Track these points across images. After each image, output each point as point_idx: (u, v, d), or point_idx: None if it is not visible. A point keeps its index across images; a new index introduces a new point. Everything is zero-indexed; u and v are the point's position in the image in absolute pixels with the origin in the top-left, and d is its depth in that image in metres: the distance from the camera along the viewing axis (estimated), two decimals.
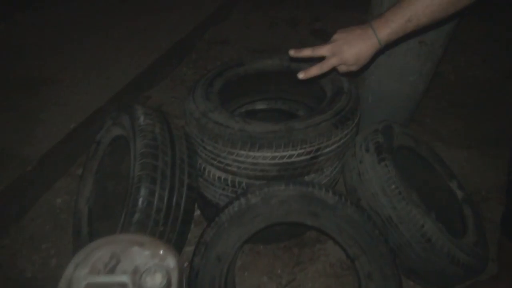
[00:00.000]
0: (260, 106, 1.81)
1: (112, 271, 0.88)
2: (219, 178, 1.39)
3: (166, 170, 1.23)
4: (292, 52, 0.97)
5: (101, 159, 1.60)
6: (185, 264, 1.54)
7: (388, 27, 0.88)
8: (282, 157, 1.24)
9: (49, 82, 2.34)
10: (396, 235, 1.27)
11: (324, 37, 3.14)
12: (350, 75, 1.10)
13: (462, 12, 0.88)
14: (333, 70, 0.98)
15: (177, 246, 1.27)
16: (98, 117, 2.18)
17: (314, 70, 0.94)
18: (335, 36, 0.93)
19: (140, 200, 1.17)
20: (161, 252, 1.01)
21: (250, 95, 1.75)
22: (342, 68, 0.96)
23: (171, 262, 1.00)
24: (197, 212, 1.74)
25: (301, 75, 0.94)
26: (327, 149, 1.28)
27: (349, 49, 0.90)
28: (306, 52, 0.95)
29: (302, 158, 1.25)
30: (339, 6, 3.47)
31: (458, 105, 2.44)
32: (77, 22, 3.05)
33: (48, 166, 1.90)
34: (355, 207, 1.16)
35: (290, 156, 1.24)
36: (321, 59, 0.99)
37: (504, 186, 1.96)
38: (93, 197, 1.60)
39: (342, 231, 1.15)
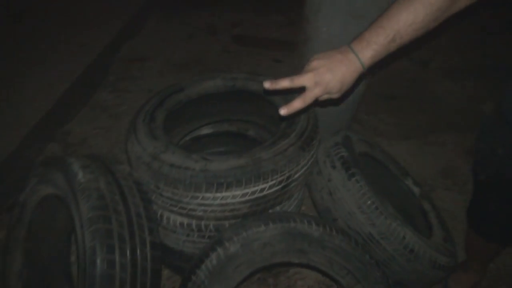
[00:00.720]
0: (205, 131, 1.67)
1: None
2: (182, 224, 1.23)
3: (123, 232, 1.04)
4: (267, 85, 0.85)
5: (29, 224, 1.34)
6: None
7: (371, 50, 0.81)
8: (253, 193, 1.13)
9: None
10: (378, 251, 1.23)
11: (246, 43, 3.07)
12: (330, 103, 1.02)
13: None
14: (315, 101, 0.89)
15: None
16: (12, 165, 1.86)
17: (298, 104, 0.83)
18: (314, 64, 0.83)
19: (99, 276, 0.97)
20: None
21: (194, 121, 1.60)
22: (324, 97, 0.87)
23: None
24: None
25: (283, 111, 0.83)
26: (297, 175, 1.20)
27: (332, 77, 0.81)
28: (284, 83, 0.84)
29: (274, 189, 1.15)
30: (257, 10, 3.42)
31: (387, 97, 2.53)
32: None
33: None
34: (342, 234, 1.09)
35: (262, 190, 1.13)
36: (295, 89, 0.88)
37: (446, 171, 2.08)
38: (26, 270, 1.33)
39: (333, 263, 1.07)
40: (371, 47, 0.81)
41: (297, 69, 1.96)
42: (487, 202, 1.19)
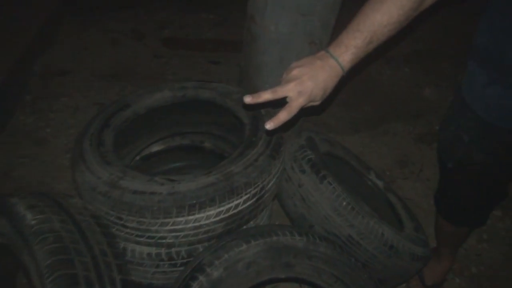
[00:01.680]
0: (156, 148, 1.63)
1: None
2: (150, 255, 1.20)
3: (89, 275, 0.99)
4: (248, 99, 0.85)
5: None
6: None
7: (350, 54, 0.85)
8: (228, 210, 1.13)
9: None
10: (359, 252, 1.29)
11: (178, 45, 3.03)
12: (312, 111, 1.04)
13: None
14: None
15: None
16: None
17: (283, 116, 0.84)
18: (295, 73, 0.85)
19: None
20: None
21: (143, 139, 1.55)
22: (307, 105, 0.90)
23: None
24: None
25: (269, 125, 0.83)
26: (270, 184, 1.22)
27: (315, 84, 0.84)
28: (266, 96, 0.85)
29: (249, 203, 1.16)
30: (184, 9, 3.38)
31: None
32: None
33: None
34: (325, 241, 1.13)
35: (237, 206, 1.14)
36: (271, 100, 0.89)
37: (401, 160, 2.23)
38: None
39: (321, 272, 1.11)
40: (350, 51, 0.85)
41: (239, 69, 1.97)
42: (455, 189, 1.30)
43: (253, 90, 1.77)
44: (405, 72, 2.93)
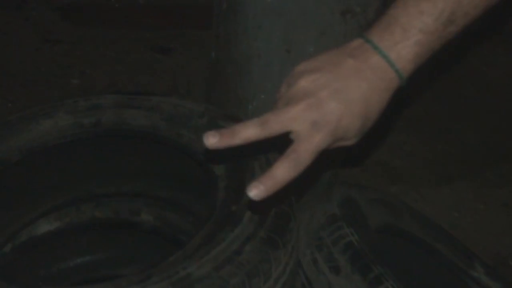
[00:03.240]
0: (45, 226, 1.65)
1: None
2: None
3: None
4: (213, 140, 0.80)
5: None
6: None
7: (413, 44, 0.83)
8: None
9: None
10: None
11: (89, 19, 3.11)
12: (340, 159, 1.06)
13: None
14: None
15: None
16: None
17: (283, 172, 0.78)
18: (304, 84, 0.83)
19: None
20: None
21: (19, 210, 1.58)
22: (331, 147, 0.89)
23: None
24: None
25: (254, 192, 0.79)
26: None
27: (346, 107, 0.82)
28: (249, 132, 0.81)
29: None
30: None
31: (402, 102, 2.68)
32: None
33: None
34: None
35: None
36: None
37: None
38: None
39: None
40: (412, 39, 0.83)
41: (209, 64, 2.02)
42: None
43: (236, 108, 1.81)
44: None
